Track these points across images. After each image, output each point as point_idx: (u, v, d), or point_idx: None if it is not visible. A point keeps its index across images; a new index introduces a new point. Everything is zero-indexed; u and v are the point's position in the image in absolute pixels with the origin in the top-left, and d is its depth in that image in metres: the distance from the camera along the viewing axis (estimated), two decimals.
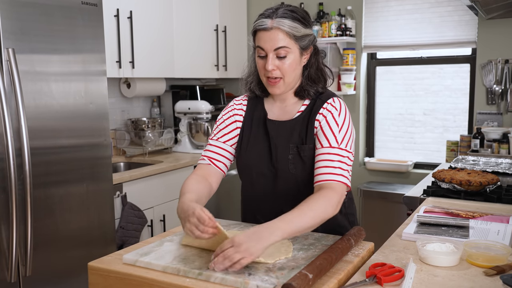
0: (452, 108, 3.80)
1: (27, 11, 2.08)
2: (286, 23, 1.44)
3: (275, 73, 1.48)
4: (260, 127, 1.59)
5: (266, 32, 1.45)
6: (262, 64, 1.49)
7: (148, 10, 3.28)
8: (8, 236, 2.03)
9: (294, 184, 1.53)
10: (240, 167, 1.64)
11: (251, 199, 1.66)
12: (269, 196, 1.58)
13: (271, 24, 1.44)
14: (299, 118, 1.55)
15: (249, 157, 1.59)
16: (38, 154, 2.14)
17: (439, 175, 2.26)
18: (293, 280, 1.06)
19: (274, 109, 1.61)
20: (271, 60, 1.46)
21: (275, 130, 1.56)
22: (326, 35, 3.88)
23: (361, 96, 4.01)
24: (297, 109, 1.57)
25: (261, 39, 1.46)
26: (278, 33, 1.44)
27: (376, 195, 3.69)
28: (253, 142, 1.59)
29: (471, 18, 3.52)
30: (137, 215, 2.87)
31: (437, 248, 1.29)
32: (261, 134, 1.59)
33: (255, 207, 1.64)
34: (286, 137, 1.54)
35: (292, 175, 1.52)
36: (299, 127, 1.53)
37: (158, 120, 3.62)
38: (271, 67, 1.46)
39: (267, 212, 1.53)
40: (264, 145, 1.57)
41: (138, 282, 1.21)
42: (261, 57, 1.49)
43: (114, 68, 3.04)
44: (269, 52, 1.46)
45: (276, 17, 1.44)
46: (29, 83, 2.10)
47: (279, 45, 1.45)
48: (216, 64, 3.93)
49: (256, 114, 1.62)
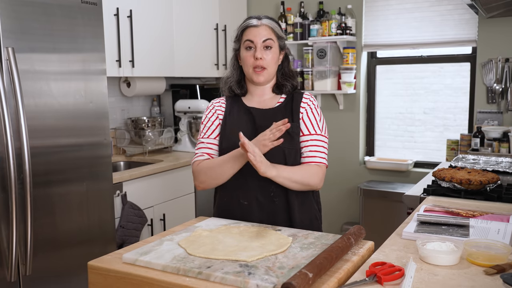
0: (452, 107, 3.79)
1: (26, 10, 2.08)
2: (271, 22, 1.77)
3: (262, 62, 1.73)
4: (242, 115, 1.79)
5: (256, 28, 1.75)
6: (251, 54, 1.74)
7: (148, 9, 3.28)
8: (8, 235, 2.03)
9: (282, 158, 1.70)
10: (223, 151, 1.75)
11: (237, 185, 1.74)
12: (255, 175, 1.62)
13: (259, 22, 1.76)
14: (281, 106, 1.79)
15: (234, 141, 1.67)
16: (38, 153, 2.14)
17: (439, 174, 2.26)
18: (293, 279, 1.06)
19: (253, 104, 1.82)
20: (259, 50, 1.73)
21: (259, 114, 1.78)
22: (326, 34, 3.88)
23: (361, 95, 4.01)
24: (275, 101, 1.82)
25: (251, 33, 1.74)
26: (266, 28, 1.75)
27: (376, 194, 3.69)
28: (237, 125, 1.76)
29: (472, 17, 3.52)
30: (137, 214, 2.87)
31: (437, 247, 1.29)
32: (245, 120, 1.78)
33: (241, 192, 1.74)
34: (270, 119, 1.68)
35: (279, 149, 1.66)
36: (281, 112, 1.77)
37: (158, 119, 3.62)
38: (260, 55, 1.72)
39: (254, 193, 1.70)
40: (248, 127, 1.75)
41: (138, 282, 1.21)
42: (249, 49, 1.75)
43: (114, 67, 3.04)
44: (257, 43, 1.73)
45: (262, 19, 1.77)
46: (29, 82, 2.10)
47: (266, 37, 1.74)
48: (216, 63, 3.93)
49: (236, 107, 1.82)
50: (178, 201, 3.28)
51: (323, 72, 3.92)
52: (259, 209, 1.72)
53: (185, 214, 3.33)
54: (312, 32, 3.95)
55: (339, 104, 4.05)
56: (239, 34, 1.79)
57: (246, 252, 1.28)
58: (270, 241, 1.38)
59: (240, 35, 1.78)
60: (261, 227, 1.53)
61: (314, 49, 3.94)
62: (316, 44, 3.93)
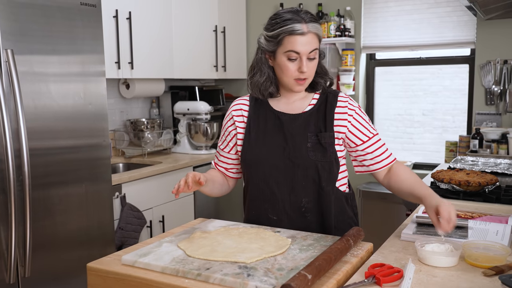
0: (451, 109, 3.80)
1: (26, 12, 2.08)
2: (317, 27, 1.52)
3: (306, 74, 1.54)
4: (270, 121, 1.62)
5: (303, 37, 1.49)
6: (295, 66, 1.52)
7: (147, 11, 3.29)
8: (7, 237, 2.03)
9: (315, 171, 1.56)
10: (248, 164, 1.63)
11: (263, 198, 1.62)
12: (285, 190, 1.57)
13: (306, 28, 1.49)
14: (313, 110, 1.61)
15: (259, 152, 1.60)
16: (37, 155, 2.14)
17: (438, 175, 2.26)
18: (292, 281, 1.06)
19: (281, 105, 1.64)
20: (305, 63, 1.51)
21: (289, 122, 1.60)
22: (325, 35, 3.88)
23: (360, 96, 4.01)
24: (307, 103, 1.63)
25: (297, 43, 1.49)
26: (314, 37, 1.51)
27: (375, 196, 3.69)
28: (262, 137, 1.61)
29: (470, 19, 3.52)
30: (136, 216, 2.87)
31: (436, 249, 1.29)
32: (272, 128, 1.61)
33: (269, 206, 1.61)
34: (302, 128, 1.58)
35: (312, 162, 1.55)
36: (314, 118, 1.59)
37: (157, 120, 3.62)
38: (306, 69, 1.52)
39: (283, 208, 1.58)
40: (277, 138, 1.59)
41: (137, 283, 1.21)
42: (291, 59, 1.52)
43: (113, 69, 3.04)
44: (303, 55, 1.51)
45: (308, 22, 1.50)
46: (28, 84, 2.10)
47: (313, 48, 1.52)
48: (215, 64, 3.93)
49: (262, 111, 1.64)
50: (177, 203, 3.28)
51: None
52: (290, 225, 1.58)
53: (184, 215, 3.33)
54: None
55: None
56: (281, 39, 1.51)
57: (245, 253, 1.28)
58: (269, 242, 1.38)
59: (281, 39, 1.51)
60: (260, 228, 1.53)
61: None
62: None
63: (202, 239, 1.41)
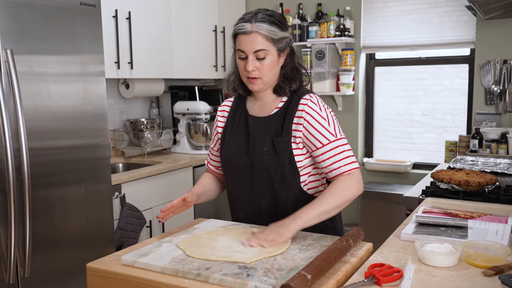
0: (451, 109, 3.80)
1: (25, 12, 2.08)
2: (264, 27, 1.52)
3: (255, 73, 1.56)
4: (241, 123, 1.68)
5: (246, 36, 1.53)
6: (243, 65, 1.57)
7: (147, 10, 3.28)
8: (6, 237, 2.03)
9: (268, 175, 1.59)
10: (222, 163, 1.72)
11: (233, 197, 1.72)
12: (247, 190, 1.64)
13: (250, 28, 1.53)
14: (277, 114, 1.62)
15: (229, 151, 1.67)
16: (36, 155, 2.14)
17: (438, 175, 2.26)
18: (291, 281, 1.06)
19: (255, 107, 1.69)
20: (251, 62, 1.54)
21: (255, 125, 1.65)
22: (324, 35, 3.88)
23: (359, 96, 4.01)
24: (275, 106, 1.65)
25: (241, 42, 1.55)
26: (257, 37, 1.53)
27: (375, 196, 3.69)
28: (233, 138, 1.68)
29: (470, 19, 3.52)
30: (136, 216, 2.86)
31: (436, 249, 1.29)
32: (241, 130, 1.67)
33: (237, 204, 1.71)
34: (263, 131, 1.61)
35: (266, 166, 1.58)
36: (275, 122, 1.61)
37: (157, 120, 3.62)
38: (251, 68, 1.55)
39: (246, 208, 1.66)
40: (243, 139, 1.65)
41: (136, 283, 1.21)
42: (241, 58, 1.57)
43: (113, 69, 3.04)
44: (249, 54, 1.54)
45: (255, 22, 1.53)
46: (27, 84, 2.10)
47: (258, 48, 1.53)
48: (214, 64, 3.93)
49: (238, 113, 1.71)
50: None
51: (322, 74, 3.92)
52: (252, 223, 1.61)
53: (184, 215, 3.31)
54: (310, 33, 3.96)
55: (337, 105, 4.05)
56: (235, 38, 1.59)
57: (244, 253, 1.28)
58: None
59: (235, 38, 1.59)
60: (260, 228, 1.53)
61: (313, 51, 3.94)
62: (314, 45, 3.93)
63: (201, 239, 1.41)
